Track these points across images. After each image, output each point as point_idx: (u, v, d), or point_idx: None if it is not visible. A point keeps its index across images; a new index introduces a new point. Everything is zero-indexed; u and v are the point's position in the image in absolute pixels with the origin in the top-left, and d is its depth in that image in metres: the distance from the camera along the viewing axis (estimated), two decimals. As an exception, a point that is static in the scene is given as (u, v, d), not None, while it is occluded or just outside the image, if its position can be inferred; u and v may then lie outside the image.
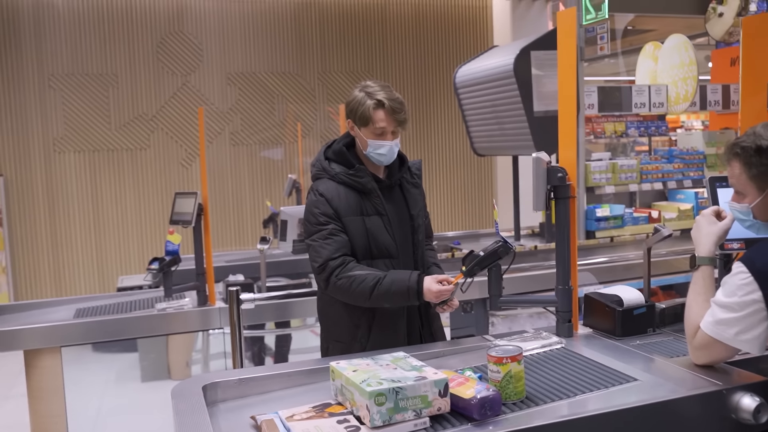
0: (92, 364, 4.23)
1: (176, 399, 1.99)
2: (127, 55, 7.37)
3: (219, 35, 7.62)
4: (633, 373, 2.07)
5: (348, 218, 2.56)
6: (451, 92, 8.25)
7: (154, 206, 7.51)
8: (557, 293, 2.45)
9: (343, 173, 2.61)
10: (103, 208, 7.38)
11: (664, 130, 5.36)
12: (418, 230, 2.73)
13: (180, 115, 7.52)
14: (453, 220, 8.63)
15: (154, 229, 7.51)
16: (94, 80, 7.29)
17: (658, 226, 2.52)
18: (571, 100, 2.42)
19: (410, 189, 2.75)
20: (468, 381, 1.88)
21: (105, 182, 7.37)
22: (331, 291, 2.55)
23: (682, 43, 4.99)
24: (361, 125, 2.59)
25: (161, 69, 7.48)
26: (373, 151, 2.59)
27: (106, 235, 7.40)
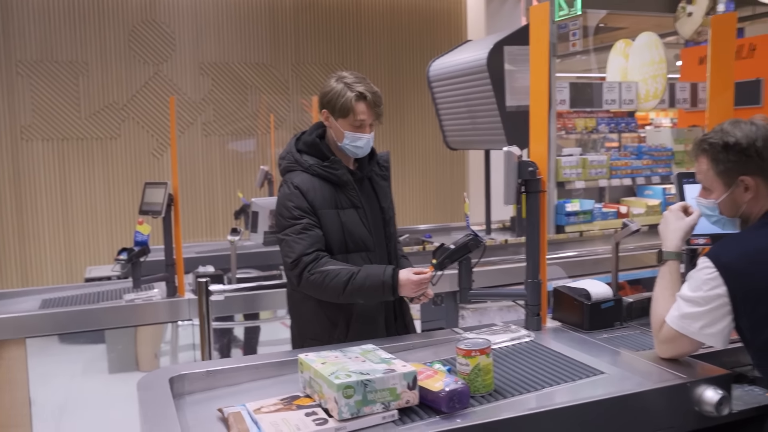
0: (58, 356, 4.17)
1: (142, 391, 1.97)
2: (98, 43, 7.25)
3: (192, 25, 7.54)
4: (600, 366, 2.09)
5: (323, 211, 2.52)
6: (424, 86, 8.23)
7: (124, 196, 7.41)
8: (526, 287, 2.46)
9: (318, 165, 2.57)
10: (71, 197, 7.27)
11: (634, 126, 5.39)
12: (389, 222, 2.73)
13: (151, 104, 7.43)
14: (424, 213, 8.63)
15: (124, 219, 7.42)
16: (64, 68, 7.16)
17: (627, 221, 2.54)
18: (543, 94, 2.43)
19: (379, 182, 2.74)
20: (437, 374, 1.88)
21: (74, 171, 7.26)
22: (303, 287, 2.50)
23: (653, 41, 5.02)
24: (339, 116, 2.54)
25: (133, 58, 7.37)
26: (350, 143, 2.56)
27: (75, 226, 7.29)
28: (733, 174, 1.98)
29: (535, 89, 2.46)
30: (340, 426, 1.70)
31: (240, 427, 1.72)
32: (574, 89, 4.63)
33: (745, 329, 1.89)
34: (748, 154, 1.95)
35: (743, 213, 2.02)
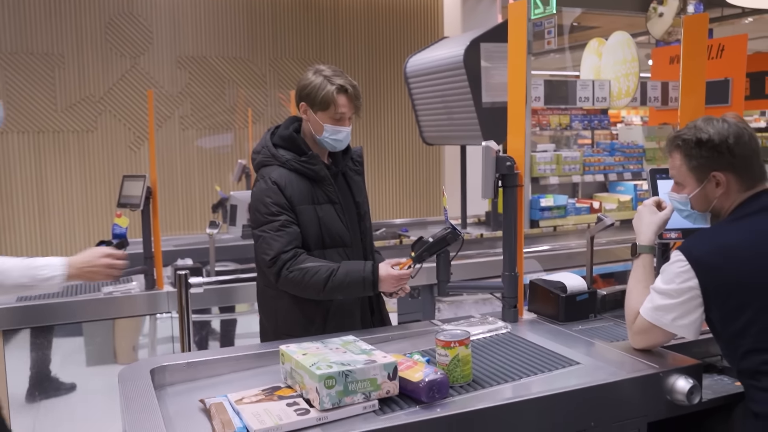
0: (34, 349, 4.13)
1: (123, 383, 1.96)
2: (74, 35, 7.15)
3: (170, 18, 7.46)
4: (575, 356, 2.12)
5: (300, 207, 2.49)
6: (401, 81, 8.25)
7: (100, 190, 7.33)
8: (503, 279, 2.48)
9: (295, 160, 2.53)
10: (47, 190, 7.17)
11: (607, 123, 5.46)
12: (364, 217, 2.71)
13: (128, 97, 7.34)
14: (401, 207, 8.64)
15: (101, 213, 7.34)
16: (39, 59, 7.05)
17: (602, 216, 2.57)
18: (521, 90, 2.45)
19: (353, 176, 2.72)
20: (416, 364, 1.89)
21: (50, 164, 7.16)
22: (282, 285, 2.47)
23: (625, 40, 5.07)
24: (319, 109, 2.51)
25: (109, 50, 7.28)
26: (329, 136, 2.53)
27: (51, 219, 7.20)
28: (705, 170, 2.01)
29: (513, 85, 2.48)
30: (322, 416, 1.71)
31: (222, 417, 1.72)
32: (549, 86, 4.66)
33: (715, 321, 1.93)
34: (720, 151, 1.98)
35: (714, 208, 2.06)
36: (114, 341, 4.26)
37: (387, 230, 5.07)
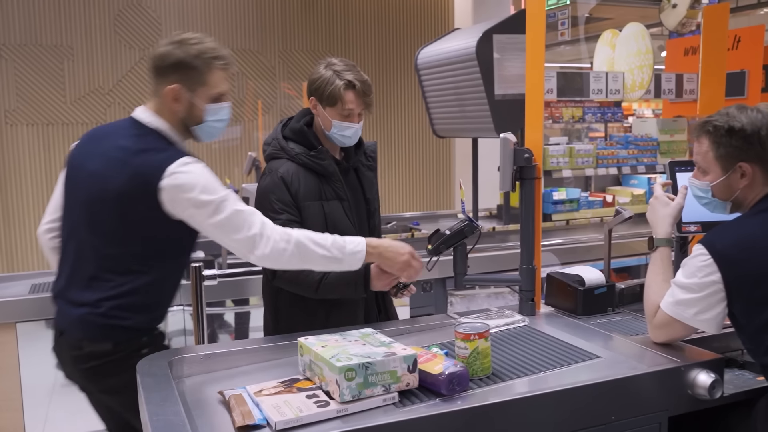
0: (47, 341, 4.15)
1: (142, 374, 1.96)
2: (84, 27, 7.16)
3: (178, 10, 7.46)
4: (594, 350, 2.11)
5: (306, 203, 2.47)
6: (411, 74, 8.22)
7: (109, 182, 7.36)
8: (521, 272, 2.47)
9: (304, 154, 2.51)
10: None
11: (620, 116, 5.42)
12: (374, 215, 2.71)
13: (137, 89, 7.35)
14: (411, 201, 8.64)
15: (110, 205, 7.37)
16: (49, 51, 7.07)
17: (620, 209, 2.57)
18: (539, 81, 2.44)
19: (365, 172, 2.70)
20: (436, 357, 1.89)
21: (59, 156, 7.18)
22: (278, 282, 2.48)
23: (639, 31, 5.04)
24: (327, 105, 2.49)
25: (118, 42, 7.29)
26: (338, 132, 2.51)
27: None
28: (732, 159, 2.00)
29: (532, 76, 2.47)
30: (342, 408, 1.71)
31: (242, 408, 1.72)
32: (562, 79, 4.63)
33: (738, 315, 1.92)
34: (751, 141, 1.96)
35: (736, 198, 2.04)
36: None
37: (398, 223, 5.06)
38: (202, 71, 2.20)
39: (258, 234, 2.12)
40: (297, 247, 2.14)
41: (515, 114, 4.13)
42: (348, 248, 2.20)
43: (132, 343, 2.21)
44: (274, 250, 2.12)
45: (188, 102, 2.22)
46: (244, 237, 2.12)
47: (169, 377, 1.92)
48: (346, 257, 2.19)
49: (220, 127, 2.34)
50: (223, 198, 2.12)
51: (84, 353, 2.21)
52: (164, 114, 2.25)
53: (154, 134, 2.23)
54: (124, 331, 2.18)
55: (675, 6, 5.15)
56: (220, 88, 2.25)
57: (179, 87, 2.19)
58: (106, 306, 2.15)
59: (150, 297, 2.23)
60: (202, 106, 2.24)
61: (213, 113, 2.27)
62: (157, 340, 2.31)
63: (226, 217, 2.11)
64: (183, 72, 2.18)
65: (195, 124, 2.28)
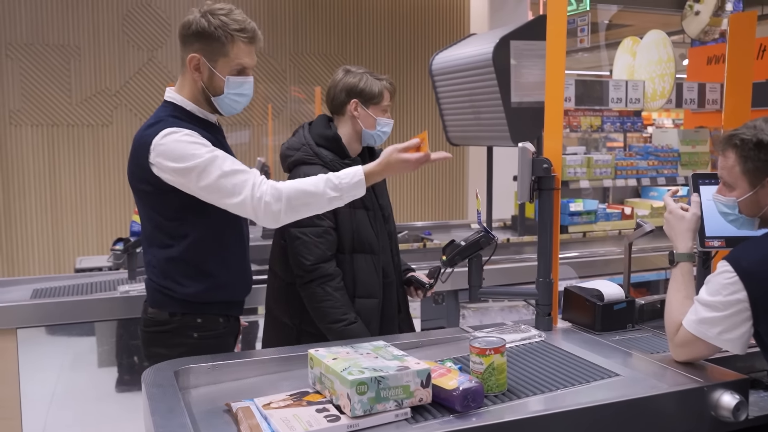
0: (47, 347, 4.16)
1: (148, 384, 1.96)
2: (91, 27, 7.21)
3: (188, 9, 7.48)
4: (613, 368, 2.09)
5: (340, 209, 2.54)
6: (425, 79, 8.23)
7: (114, 185, 7.38)
8: (538, 286, 2.46)
9: (338, 162, 2.61)
10: (60, 185, 7.23)
11: (640, 126, 5.42)
12: (388, 220, 2.80)
13: (145, 91, 7.39)
14: (423, 210, 8.64)
15: (114, 209, 7.38)
16: (55, 51, 7.12)
17: (641, 221, 2.55)
18: (559, 89, 2.43)
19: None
20: (450, 372, 1.88)
21: (63, 158, 7.22)
22: (302, 289, 2.55)
23: (661, 39, 5.04)
24: (372, 103, 2.66)
25: (126, 42, 7.34)
26: (381, 129, 2.70)
27: (64, 214, 7.26)
28: (760, 174, 1.97)
29: (552, 84, 2.46)
30: (353, 423, 1.70)
31: (250, 422, 1.72)
32: (581, 86, 4.63)
33: (764, 335, 1.90)
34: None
35: (764, 214, 2.02)
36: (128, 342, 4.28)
37: (409, 233, 5.06)
38: (224, 42, 2.26)
39: (249, 197, 2.17)
40: (288, 203, 2.19)
41: (531, 122, 4.14)
42: (343, 183, 2.23)
43: (186, 318, 2.35)
44: (268, 212, 2.18)
45: (209, 72, 2.29)
46: (237, 203, 2.18)
47: (176, 388, 1.92)
48: (345, 193, 2.24)
49: (241, 102, 2.38)
50: (207, 162, 2.16)
51: (147, 317, 2.43)
52: (185, 86, 2.34)
53: (168, 108, 2.33)
54: (177, 303, 2.34)
55: (698, 13, 5.15)
56: (241, 61, 2.30)
57: (200, 56, 2.27)
58: (156, 272, 2.35)
59: (195, 264, 2.33)
60: (223, 77, 2.29)
61: (234, 86, 2.32)
62: (214, 326, 2.40)
63: (213, 182, 2.16)
64: (205, 41, 2.27)
65: (216, 95, 2.33)
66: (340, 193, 2.23)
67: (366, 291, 2.64)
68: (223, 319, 2.43)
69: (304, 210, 2.25)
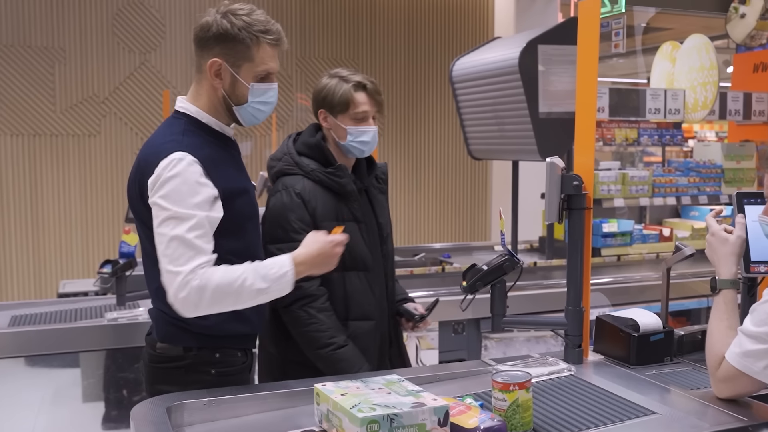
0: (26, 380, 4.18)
1: (137, 421, 1.98)
2: (77, 27, 7.29)
3: (184, 9, 7.58)
4: (650, 405, 2.10)
5: (323, 223, 2.54)
6: (445, 87, 8.28)
7: (102, 202, 7.43)
8: (567, 315, 2.48)
9: (320, 171, 2.61)
10: (43, 201, 7.29)
11: (680, 139, 5.43)
12: (386, 240, 2.79)
13: (136, 98, 7.46)
14: (442, 230, 8.65)
15: (102, 228, 7.43)
16: (38, 54, 7.19)
17: (680, 244, 2.56)
18: (592, 98, 2.46)
19: (377, 195, 2.80)
20: (470, 409, 1.89)
21: (46, 172, 7.28)
22: (283, 313, 2.55)
23: (703, 44, 5.06)
24: (339, 112, 2.61)
25: (116, 45, 7.41)
26: (355, 139, 2.62)
27: (46, 233, 7.30)
28: (811, 193, 2.00)
29: (583, 93, 2.49)
30: (363, 464, 1.72)
31: (251, 462, 1.74)
32: (615, 96, 4.66)
33: (815, 369, 1.91)
34: None
35: (814, 238, 2.04)
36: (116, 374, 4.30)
37: (427, 256, 5.09)
38: (249, 45, 2.24)
39: (182, 274, 2.10)
40: (215, 293, 2.13)
41: (561, 135, 4.17)
42: (271, 275, 2.20)
43: (202, 353, 2.32)
44: (188, 298, 2.11)
45: (231, 78, 2.26)
46: (169, 271, 2.12)
47: (168, 426, 1.94)
48: (273, 285, 2.21)
49: (264, 111, 2.36)
50: (181, 215, 2.12)
51: (155, 353, 2.36)
52: (202, 95, 2.31)
53: (181, 121, 2.30)
54: (193, 336, 2.30)
55: (743, 16, 5.17)
56: (267, 66, 2.29)
57: (222, 61, 2.24)
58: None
59: None
60: (247, 84, 2.28)
61: (258, 94, 2.31)
62: (232, 361, 2.37)
63: (169, 236, 2.11)
64: (227, 45, 2.23)
65: (238, 104, 2.31)
66: (269, 284, 2.19)
67: (361, 312, 2.64)
68: (241, 353, 2.41)
69: (226, 304, 2.18)
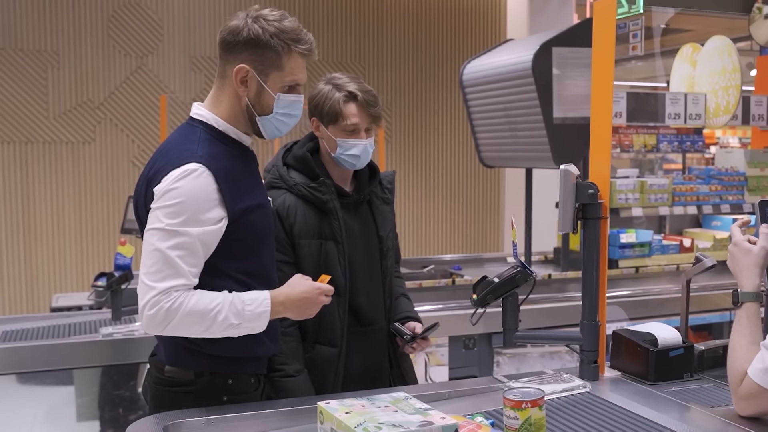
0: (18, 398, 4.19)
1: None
2: (72, 30, 7.32)
3: (183, 11, 7.61)
4: (669, 424, 2.11)
5: (302, 241, 2.56)
6: (455, 92, 8.30)
7: (97, 212, 7.45)
8: (582, 329, 2.48)
9: (304, 185, 2.60)
10: (35, 211, 7.30)
11: (701, 146, 5.44)
12: (387, 255, 2.76)
13: (133, 103, 7.48)
14: (452, 241, 8.64)
15: (97, 239, 7.45)
16: (30, 58, 7.22)
17: (701, 255, 2.57)
18: (608, 103, 2.47)
19: (380, 206, 2.78)
20: (480, 428, 1.91)
21: (39, 180, 7.30)
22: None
23: (725, 46, 5.07)
24: (328, 123, 2.59)
25: (112, 48, 7.45)
26: (344, 152, 2.60)
27: (39, 245, 7.32)
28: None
29: (599, 98, 2.50)
30: (369, 485, 1.72)
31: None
32: (633, 100, 4.67)
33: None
34: None
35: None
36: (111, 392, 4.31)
37: (436, 268, 5.09)
38: (280, 53, 2.21)
39: (157, 291, 2.09)
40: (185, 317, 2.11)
41: (576, 141, 4.17)
42: (247, 312, 2.17)
43: (215, 378, 2.28)
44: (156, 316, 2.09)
45: (257, 87, 2.24)
46: (145, 285, 2.11)
47: (166, 445, 1.95)
48: (245, 322, 2.18)
49: (288, 123, 2.32)
50: (174, 233, 2.10)
51: (163, 377, 2.31)
52: (222, 102, 2.28)
53: (196, 129, 2.26)
54: (206, 360, 2.26)
55: (767, 17, 5.17)
56: (295, 76, 2.27)
57: (249, 68, 2.21)
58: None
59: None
60: (273, 94, 2.25)
61: (283, 105, 2.27)
62: (245, 387, 2.35)
63: (153, 247, 2.10)
64: (257, 51, 2.21)
65: (261, 115, 2.27)
66: (240, 321, 2.17)
67: (327, 338, 2.61)
68: (254, 379, 2.39)
69: (195, 330, 2.16)
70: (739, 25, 5.70)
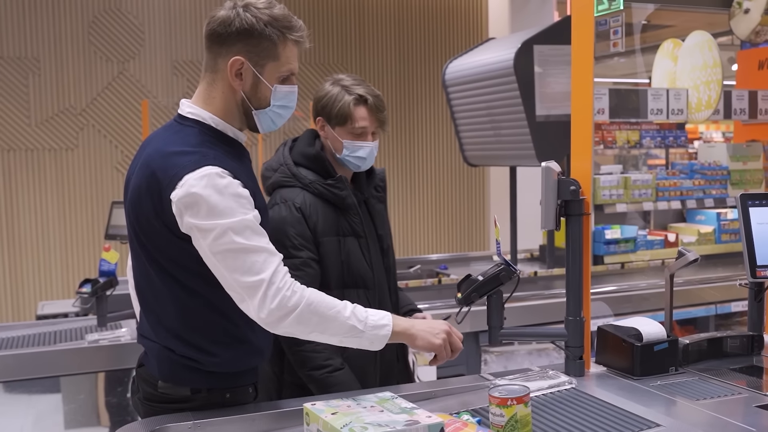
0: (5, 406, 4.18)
1: (120, 446, 1.99)
2: (52, 36, 7.29)
3: (164, 16, 7.60)
4: (655, 417, 2.12)
5: (324, 238, 2.57)
6: (438, 91, 8.31)
7: (81, 218, 7.43)
8: (567, 325, 2.49)
9: (319, 182, 2.61)
10: (18, 219, 7.28)
11: (684, 141, 5.47)
12: (387, 253, 2.79)
13: (115, 109, 7.46)
14: (438, 241, 8.66)
15: (81, 245, 7.43)
16: (11, 65, 7.20)
17: (683, 250, 2.58)
18: (588, 100, 2.48)
19: (376, 205, 2.80)
20: (466, 426, 1.91)
21: (22, 188, 7.27)
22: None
23: (706, 41, 5.10)
24: (336, 124, 2.61)
25: (93, 54, 7.42)
26: (351, 154, 2.62)
27: (23, 253, 7.30)
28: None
29: (579, 94, 2.51)
30: (356, 486, 1.73)
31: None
32: (615, 97, 4.69)
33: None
34: None
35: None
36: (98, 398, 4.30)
37: (422, 267, 5.10)
38: (275, 42, 2.14)
39: (267, 281, 1.99)
40: (308, 308, 2.03)
41: (560, 138, 4.19)
42: (370, 320, 2.12)
43: (212, 394, 2.22)
44: (280, 308, 2.00)
45: (253, 79, 2.16)
46: (250, 283, 2.00)
47: (153, 449, 1.95)
48: (368, 330, 2.12)
49: (284, 116, 2.26)
50: (232, 225, 1.99)
51: (156, 392, 2.22)
52: (215, 98, 2.19)
53: (195, 129, 2.16)
54: (202, 377, 2.19)
55: (747, 11, 5.20)
56: (291, 65, 2.19)
57: (245, 60, 2.13)
58: (170, 337, 2.16)
59: (225, 327, 2.17)
60: (270, 85, 2.17)
61: (280, 97, 2.20)
62: (243, 399, 2.29)
63: (230, 249, 1.99)
64: (251, 42, 2.13)
65: (258, 108, 2.19)
66: (364, 327, 2.11)
67: None
68: (252, 389, 2.34)
69: (315, 326, 2.07)
70: (719, 20, 5.74)
